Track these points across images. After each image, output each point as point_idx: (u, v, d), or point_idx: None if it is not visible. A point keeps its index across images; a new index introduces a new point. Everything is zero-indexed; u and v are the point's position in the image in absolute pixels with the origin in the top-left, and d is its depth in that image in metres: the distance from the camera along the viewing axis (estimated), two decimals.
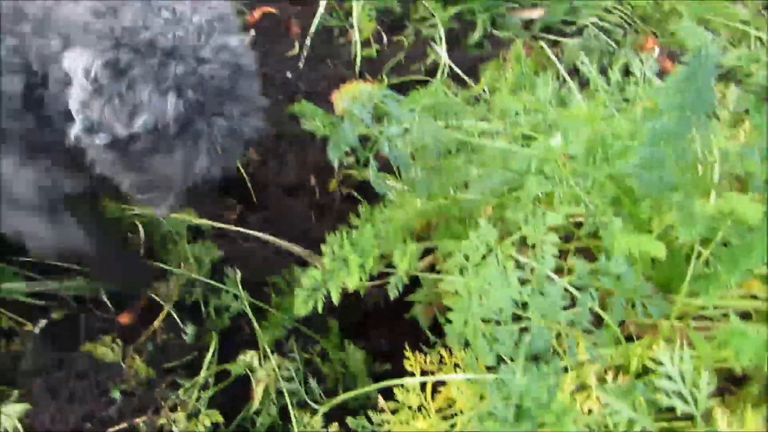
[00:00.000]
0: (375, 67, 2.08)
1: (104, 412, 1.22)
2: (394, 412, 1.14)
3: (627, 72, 1.55)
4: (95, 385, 1.26)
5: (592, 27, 2.18)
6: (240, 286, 1.44)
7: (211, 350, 1.32)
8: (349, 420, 1.19)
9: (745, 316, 1.09)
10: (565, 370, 1.08)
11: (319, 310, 1.20)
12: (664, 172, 0.96)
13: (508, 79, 1.68)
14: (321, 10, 2.17)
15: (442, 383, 1.15)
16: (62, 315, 1.43)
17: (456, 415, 1.11)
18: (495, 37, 2.21)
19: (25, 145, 1.14)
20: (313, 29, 2.13)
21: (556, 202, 1.08)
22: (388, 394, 1.18)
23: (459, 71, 1.97)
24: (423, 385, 1.15)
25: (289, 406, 1.27)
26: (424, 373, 1.17)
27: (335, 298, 1.18)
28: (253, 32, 2.16)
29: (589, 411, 0.99)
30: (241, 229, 1.55)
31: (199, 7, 1.04)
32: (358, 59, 2.08)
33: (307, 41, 2.12)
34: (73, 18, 1.00)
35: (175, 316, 1.42)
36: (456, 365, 1.15)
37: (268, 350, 1.32)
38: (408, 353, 1.19)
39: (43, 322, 1.37)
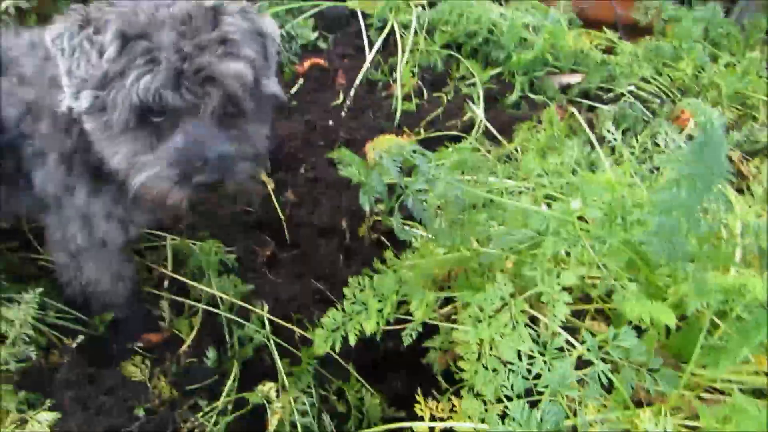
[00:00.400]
0: (413, 121, 2.16)
1: (127, 428, 1.28)
2: None
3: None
4: (122, 401, 1.32)
5: (629, 95, 2.23)
6: (266, 320, 1.49)
7: (232, 378, 1.37)
8: None
9: (759, 392, 1.09)
10: (574, 429, 1.09)
11: (337, 349, 1.25)
12: (676, 241, 0.99)
13: (540, 140, 1.74)
14: (367, 64, 2.28)
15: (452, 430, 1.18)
16: (99, 333, 1.51)
17: None
18: (532, 100, 2.28)
19: (86, 168, 1.23)
20: (357, 81, 2.24)
21: (571, 263, 1.12)
22: None
23: (493, 130, 2.04)
24: (431, 430, 1.18)
25: None
26: (434, 418, 1.20)
27: (352, 340, 1.23)
28: (301, 81, 2.29)
29: None
30: None
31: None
32: (398, 112, 2.17)
33: (351, 92, 2.22)
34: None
35: (200, 342, 1.48)
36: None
37: (287, 383, 1.37)
38: (420, 398, 1.22)
39: (80, 338, 1.44)
